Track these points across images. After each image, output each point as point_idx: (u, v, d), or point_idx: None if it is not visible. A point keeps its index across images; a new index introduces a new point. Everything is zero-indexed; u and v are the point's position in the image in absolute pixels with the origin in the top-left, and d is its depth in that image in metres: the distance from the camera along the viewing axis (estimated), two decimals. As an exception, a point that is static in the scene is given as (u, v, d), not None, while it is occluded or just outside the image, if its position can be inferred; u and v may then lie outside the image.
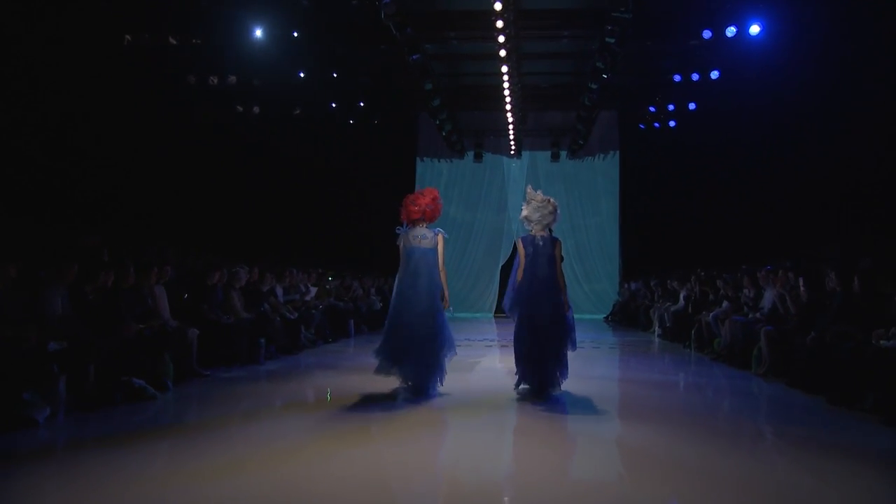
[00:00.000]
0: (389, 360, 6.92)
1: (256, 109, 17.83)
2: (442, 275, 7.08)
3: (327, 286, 14.39)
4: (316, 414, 6.35)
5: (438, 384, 7.07)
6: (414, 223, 7.18)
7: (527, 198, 7.42)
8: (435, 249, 7.07)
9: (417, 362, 6.86)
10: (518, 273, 7.17)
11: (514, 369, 7.29)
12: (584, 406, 6.84)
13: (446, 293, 7.06)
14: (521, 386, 7.25)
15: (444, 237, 7.14)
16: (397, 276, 7.08)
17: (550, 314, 6.97)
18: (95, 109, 13.48)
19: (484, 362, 10.19)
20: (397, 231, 7.25)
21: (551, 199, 7.36)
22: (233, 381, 8.04)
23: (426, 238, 7.10)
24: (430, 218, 7.20)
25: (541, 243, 7.20)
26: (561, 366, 7.04)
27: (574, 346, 7.11)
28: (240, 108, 17.65)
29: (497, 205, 22.50)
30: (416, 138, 22.50)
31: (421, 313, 6.87)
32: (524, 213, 7.36)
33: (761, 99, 15.27)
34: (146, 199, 14.71)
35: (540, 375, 7.01)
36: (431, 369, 6.94)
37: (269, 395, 7.39)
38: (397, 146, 21.85)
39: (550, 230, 7.33)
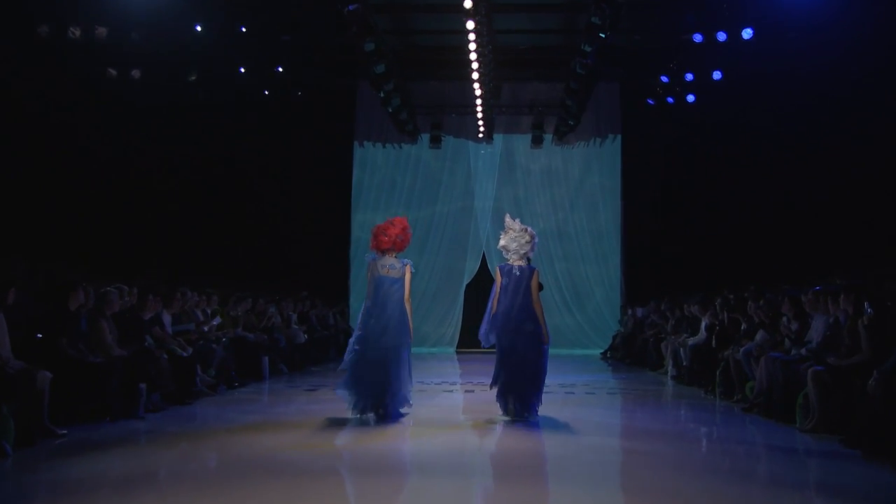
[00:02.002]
0: (356, 392, 9.00)
1: (136, 73, 17.54)
2: (407, 306, 9.19)
3: (233, 312, 14.18)
4: (217, 489, 6.16)
5: (405, 408, 9.25)
6: (383, 252, 9.30)
7: (505, 227, 9.55)
8: (403, 280, 9.18)
9: (384, 392, 8.99)
10: (493, 303, 9.31)
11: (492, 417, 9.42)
12: (576, 472, 6.78)
13: (410, 326, 9.21)
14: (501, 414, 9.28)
15: (411, 269, 9.30)
16: (364, 305, 9.27)
17: (527, 344, 9.15)
18: None
19: (438, 412, 10.07)
20: (366, 259, 9.44)
21: (528, 229, 9.49)
22: (100, 443, 7.81)
23: (395, 268, 9.23)
24: (399, 248, 9.36)
25: (518, 273, 9.30)
26: (538, 392, 9.25)
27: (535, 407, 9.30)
28: (112, 72, 17.34)
29: (461, 204, 22.48)
30: (354, 116, 22.40)
31: (387, 345, 9.01)
32: (502, 242, 9.50)
33: (809, 65, 15.41)
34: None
35: (515, 399, 9.17)
36: (396, 397, 9.11)
37: (150, 462, 7.18)
38: (328, 126, 21.71)
39: (528, 259, 9.47)
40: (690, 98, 19.76)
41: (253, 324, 14.72)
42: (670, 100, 20.22)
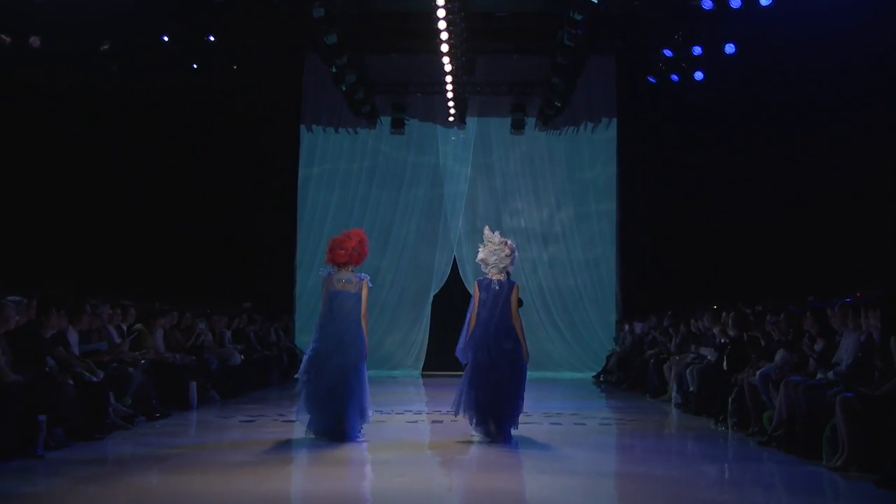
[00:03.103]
0: (313, 413, 10.12)
1: (35, 41, 17.38)
2: (363, 322, 10.34)
3: (154, 329, 14.05)
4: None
5: (361, 430, 10.26)
6: (339, 266, 10.43)
7: (483, 240, 10.66)
8: (359, 295, 10.33)
9: (339, 412, 10.01)
10: (471, 318, 10.40)
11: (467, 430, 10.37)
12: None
13: (366, 338, 10.36)
14: (475, 431, 10.26)
15: (368, 284, 10.46)
16: (318, 321, 10.40)
17: (507, 361, 10.20)
18: None
19: (401, 447, 10.03)
20: (321, 273, 10.63)
21: (508, 242, 10.63)
22: (-10, 487, 7.67)
23: (351, 283, 10.38)
24: (356, 262, 10.52)
25: (497, 287, 10.39)
26: (516, 409, 10.29)
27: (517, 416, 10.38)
28: (6, 39, 17.17)
29: (428, 200, 22.43)
30: (301, 95, 22.31)
31: (344, 363, 10.10)
32: (480, 255, 10.64)
33: (839, 37, 15.45)
34: None
35: (494, 420, 10.13)
36: (353, 416, 10.12)
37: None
38: (270, 107, 21.61)
39: (508, 273, 10.60)
40: (698, 75, 19.82)
41: (178, 342, 14.59)
42: (675, 77, 20.28)
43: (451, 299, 21.29)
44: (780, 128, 17.96)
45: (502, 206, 22.05)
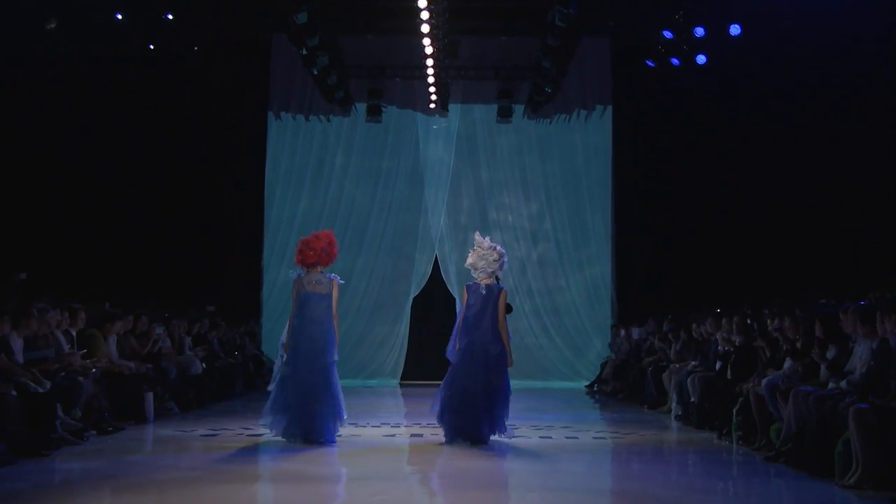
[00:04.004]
0: (280, 414, 10.99)
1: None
2: (334, 322, 11.23)
3: (107, 335, 13.98)
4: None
5: (337, 432, 11.20)
6: (309, 268, 11.23)
7: (474, 244, 11.55)
8: (330, 295, 11.18)
9: (312, 413, 10.91)
10: (459, 323, 11.25)
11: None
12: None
13: (337, 339, 11.30)
14: (453, 441, 10.93)
15: (339, 284, 11.35)
16: (291, 324, 11.24)
17: (492, 367, 11.03)
18: None
19: (377, 464, 9.98)
20: (291, 275, 11.44)
21: (497, 247, 11.49)
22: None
23: (322, 284, 11.20)
24: (325, 262, 11.33)
25: (484, 292, 11.22)
26: (500, 417, 11.07)
27: (504, 427, 11.17)
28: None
29: (407, 195, 22.40)
30: (269, 79, 22.24)
31: (318, 366, 11.02)
32: (470, 260, 11.50)
33: (856, 17, 15.46)
34: None
35: (474, 424, 10.93)
36: (327, 417, 11.01)
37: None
38: (235, 93, 21.54)
39: (497, 278, 11.44)
40: (701, 59, 19.85)
41: (133, 349, 14.52)
42: (675, 61, 20.30)
43: (433, 302, 21.27)
44: (788, 116, 18.01)
45: (488, 200, 22.01)
